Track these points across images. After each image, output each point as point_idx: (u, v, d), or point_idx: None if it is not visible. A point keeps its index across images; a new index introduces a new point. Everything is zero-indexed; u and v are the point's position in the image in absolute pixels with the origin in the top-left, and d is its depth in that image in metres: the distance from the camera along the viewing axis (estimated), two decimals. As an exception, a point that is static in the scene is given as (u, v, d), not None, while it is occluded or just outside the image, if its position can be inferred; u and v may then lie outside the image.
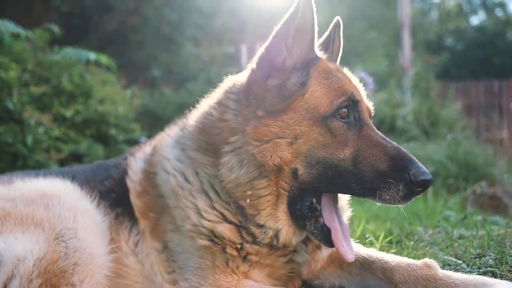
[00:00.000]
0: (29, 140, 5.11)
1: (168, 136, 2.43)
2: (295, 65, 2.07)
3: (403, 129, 8.45)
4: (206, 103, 2.30)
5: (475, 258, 2.40)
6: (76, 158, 5.88)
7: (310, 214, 2.02)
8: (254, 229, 2.04)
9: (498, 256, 2.31)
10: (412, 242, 2.84)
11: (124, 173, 2.45)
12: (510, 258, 2.27)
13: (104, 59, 5.72)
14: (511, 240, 2.63)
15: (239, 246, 2.06)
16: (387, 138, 2.05)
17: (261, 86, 2.06)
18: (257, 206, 2.00)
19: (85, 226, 2.16)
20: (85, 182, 2.45)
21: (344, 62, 2.41)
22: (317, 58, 2.13)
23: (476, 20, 39.41)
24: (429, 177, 1.88)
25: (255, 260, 2.08)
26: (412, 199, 1.94)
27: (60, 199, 2.21)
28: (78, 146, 5.98)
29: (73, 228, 2.11)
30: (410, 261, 2.11)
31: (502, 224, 3.53)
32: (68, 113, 5.86)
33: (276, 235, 2.03)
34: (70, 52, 5.69)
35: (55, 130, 5.60)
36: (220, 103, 2.18)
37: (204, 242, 2.06)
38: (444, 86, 14.65)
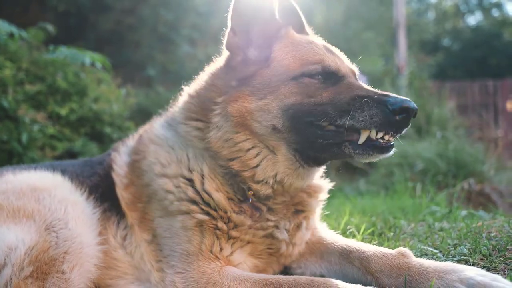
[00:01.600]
0: (24, 137, 5.17)
1: (155, 122, 2.58)
2: (254, 41, 2.27)
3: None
4: (194, 84, 2.48)
5: (452, 248, 2.49)
6: (71, 156, 5.94)
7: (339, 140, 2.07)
8: (255, 186, 2.19)
9: (473, 246, 2.40)
10: (392, 234, 2.93)
11: (109, 169, 2.54)
12: (484, 247, 2.36)
13: (98, 59, 5.78)
14: (488, 231, 2.72)
15: (228, 215, 2.19)
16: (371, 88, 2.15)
17: (231, 63, 2.29)
18: (249, 164, 2.18)
19: (75, 217, 2.23)
20: (75, 176, 2.53)
21: None
22: (281, 28, 2.33)
23: (472, 20, 39.56)
24: (412, 104, 1.95)
25: (236, 235, 2.19)
26: (395, 137, 2.03)
27: (51, 192, 2.29)
28: (73, 144, 6.04)
29: (64, 219, 2.18)
30: (386, 250, 2.20)
31: (486, 219, 3.61)
32: (63, 111, 5.93)
33: (277, 180, 2.19)
34: (65, 51, 5.76)
35: (50, 128, 5.66)
36: (211, 73, 2.39)
37: (201, 216, 2.17)
38: (440, 85, 14.75)
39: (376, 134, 2.02)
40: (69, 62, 5.92)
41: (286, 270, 2.41)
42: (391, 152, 2.08)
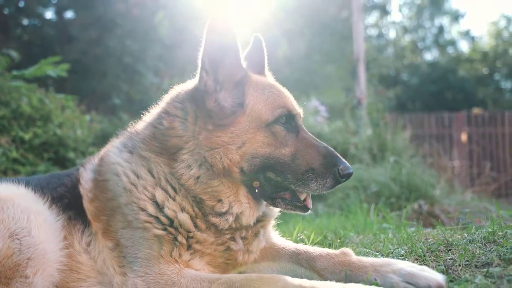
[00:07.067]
0: (-14, 161, 5.20)
1: (112, 146, 2.68)
2: (224, 84, 2.41)
3: (354, 155, 8.88)
4: (154, 113, 2.59)
5: (391, 251, 2.72)
6: (33, 180, 5.92)
7: (275, 193, 2.41)
8: (214, 219, 2.35)
9: (410, 249, 2.64)
10: (339, 241, 3.14)
11: (76, 182, 2.67)
12: (420, 250, 2.59)
13: (57, 70, 5.86)
14: (425, 238, 2.97)
15: (191, 235, 2.33)
16: (317, 139, 2.48)
17: (203, 107, 2.40)
18: (219, 197, 2.35)
19: (38, 225, 2.34)
20: (39, 188, 2.64)
21: (302, 93, 2.76)
22: (247, 75, 2.48)
23: (429, 56, 41.34)
24: (352, 170, 2.36)
25: (198, 248, 2.35)
26: (337, 187, 2.39)
27: (14, 202, 2.38)
28: (36, 168, 6.05)
29: (27, 227, 2.29)
30: (330, 251, 2.42)
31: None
32: (27, 135, 5.95)
33: (237, 218, 2.39)
34: (27, 72, 5.84)
35: (13, 152, 5.68)
36: (168, 113, 2.48)
37: (158, 231, 2.31)
38: (398, 117, 15.36)
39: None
40: (34, 86, 5.99)
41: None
42: (309, 212, 2.50)
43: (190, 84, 2.58)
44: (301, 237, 3.12)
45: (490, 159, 17.39)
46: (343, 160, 2.37)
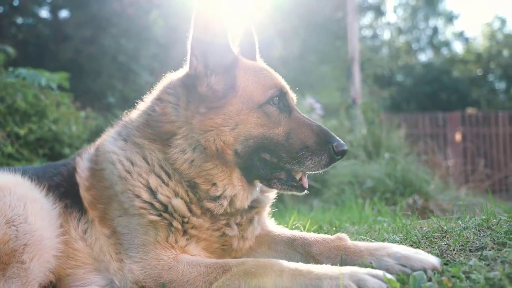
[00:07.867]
0: (-19, 156, 5.18)
1: (108, 135, 2.71)
2: (214, 69, 2.43)
3: (349, 152, 8.92)
4: (148, 100, 2.61)
5: (386, 238, 2.74)
6: (29, 176, 5.90)
7: (270, 174, 2.41)
8: (209, 204, 2.37)
9: (405, 237, 2.66)
10: (334, 229, 3.16)
11: (73, 171, 2.69)
12: (415, 236, 2.62)
13: (54, 79, 5.85)
14: (420, 227, 3.00)
15: (186, 220, 2.35)
16: (311, 119, 2.50)
17: (195, 91, 2.42)
18: (213, 180, 2.36)
19: (35, 213, 2.35)
20: (35, 177, 2.65)
21: (298, 93, 2.79)
22: (237, 58, 2.52)
23: (424, 57, 41.51)
24: (346, 148, 2.38)
25: (193, 234, 2.37)
26: (332, 165, 2.40)
27: (11, 190, 2.39)
28: (31, 164, 6.04)
29: (23, 215, 2.31)
30: (326, 236, 2.44)
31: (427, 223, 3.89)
32: (22, 131, 5.94)
33: (232, 202, 2.40)
34: (23, 72, 5.84)
35: (8, 147, 5.67)
36: (160, 99, 2.51)
37: (153, 217, 2.33)
38: (393, 117, 15.43)
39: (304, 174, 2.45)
40: (28, 82, 5.98)
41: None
42: (305, 192, 2.49)
43: (182, 71, 2.60)
44: (296, 225, 3.14)
45: (484, 158, 17.47)
46: (337, 137, 2.38)
